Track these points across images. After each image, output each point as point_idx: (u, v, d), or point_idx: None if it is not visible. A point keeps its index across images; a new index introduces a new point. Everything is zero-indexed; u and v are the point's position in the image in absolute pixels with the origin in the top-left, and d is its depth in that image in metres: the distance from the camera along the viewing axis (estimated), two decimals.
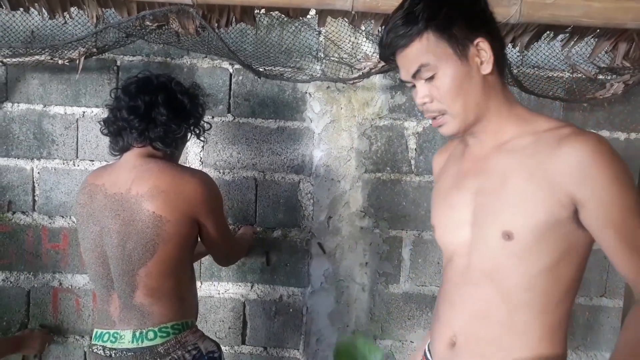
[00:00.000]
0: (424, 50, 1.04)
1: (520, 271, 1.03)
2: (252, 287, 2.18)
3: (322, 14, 1.94)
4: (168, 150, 1.54)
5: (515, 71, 1.96)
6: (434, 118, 1.11)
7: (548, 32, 1.87)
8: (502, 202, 1.04)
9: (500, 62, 1.09)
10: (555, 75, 2.05)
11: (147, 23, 1.91)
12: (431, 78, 1.05)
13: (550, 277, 1.02)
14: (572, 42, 1.88)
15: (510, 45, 1.92)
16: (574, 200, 0.97)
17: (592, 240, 1.03)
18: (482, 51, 1.04)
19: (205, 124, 1.68)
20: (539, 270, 1.02)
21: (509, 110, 1.10)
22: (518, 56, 2.02)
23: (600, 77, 1.99)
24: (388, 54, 1.11)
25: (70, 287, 2.17)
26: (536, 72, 2.04)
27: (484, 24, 1.07)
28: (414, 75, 1.07)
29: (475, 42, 1.04)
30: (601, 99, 1.97)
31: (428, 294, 2.17)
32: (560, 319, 1.06)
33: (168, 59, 2.08)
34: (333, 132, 2.12)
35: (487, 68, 1.05)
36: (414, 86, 1.11)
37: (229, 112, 2.10)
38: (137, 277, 1.43)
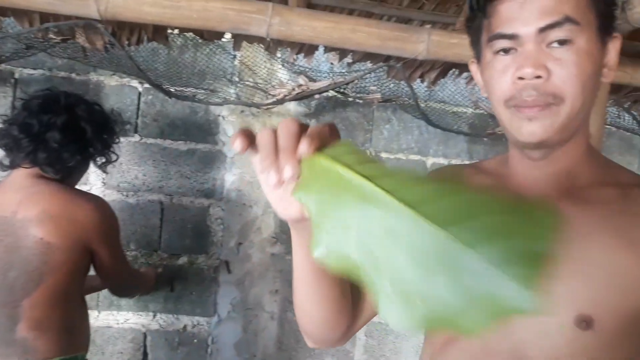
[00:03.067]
0: (575, 2, 0.69)
1: None
2: (154, 317, 2.07)
3: (238, 39, 1.93)
4: (58, 175, 1.43)
5: (423, 105, 2.04)
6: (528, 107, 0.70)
7: (454, 69, 1.98)
8: (581, 273, 0.71)
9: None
10: (459, 110, 2.17)
11: (51, 36, 1.81)
12: (562, 44, 0.68)
13: None
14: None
15: (418, 80, 2.01)
16: None
17: None
18: (614, 53, 0.74)
19: (111, 156, 1.59)
20: None
21: (589, 146, 0.79)
22: (426, 91, 2.11)
23: None
24: None
25: None
26: (442, 106, 2.15)
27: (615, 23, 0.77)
28: (545, 28, 0.68)
29: (614, 35, 0.74)
30: (500, 134, 2.10)
31: None
32: None
33: (73, 74, 1.97)
34: (246, 156, 2.09)
35: (609, 75, 0.75)
36: (504, 52, 0.71)
37: (136, 131, 2.02)
38: (20, 308, 1.30)
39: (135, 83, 2.01)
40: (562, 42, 0.68)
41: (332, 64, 2.04)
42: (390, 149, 2.18)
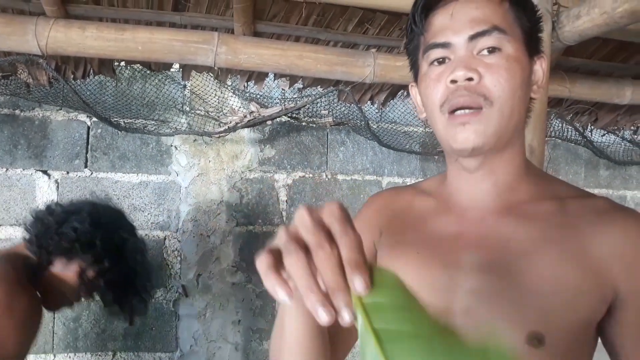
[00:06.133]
0: (501, 13, 0.73)
1: None
2: (113, 356, 2.00)
3: (186, 68, 1.93)
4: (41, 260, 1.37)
5: (375, 126, 2.08)
6: (458, 111, 0.73)
7: (402, 90, 2.02)
8: (528, 290, 0.71)
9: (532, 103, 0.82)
10: (410, 130, 2.21)
11: None
12: (491, 52, 0.72)
13: None
14: None
15: (369, 103, 2.04)
16: (615, 294, 0.71)
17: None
18: (540, 72, 0.78)
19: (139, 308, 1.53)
20: None
21: (526, 160, 0.81)
22: (377, 112, 2.15)
23: None
24: None
25: None
26: (394, 127, 2.18)
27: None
28: (475, 36, 0.72)
29: (540, 55, 0.78)
30: None
31: None
32: None
33: (17, 110, 1.92)
34: (201, 185, 2.07)
35: (537, 92, 0.78)
36: (439, 62, 0.75)
37: (85, 166, 1.97)
38: None
39: (83, 117, 1.97)
40: (491, 50, 0.72)
41: (283, 90, 2.06)
42: (346, 170, 2.20)
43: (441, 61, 0.74)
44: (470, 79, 0.71)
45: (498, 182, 0.77)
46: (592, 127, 2.41)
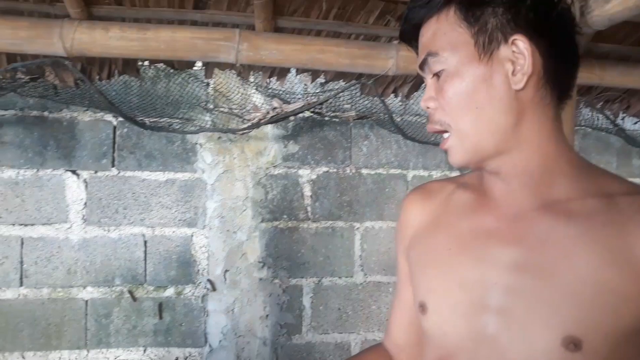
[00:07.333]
0: (440, 33, 0.73)
1: None
2: (145, 351, 2.04)
3: (209, 66, 1.94)
4: None
5: (398, 119, 2.05)
6: (441, 135, 0.77)
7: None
8: (566, 292, 0.68)
9: (556, 80, 0.73)
10: None
11: (20, 75, 1.80)
12: (439, 75, 0.73)
13: None
14: None
15: (392, 95, 2.02)
16: None
17: None
18: (519, 55, 0.70)
19: None
20: None
21: (562, 155, 0.75)
22: (400, 105, 2.13)
23: None
24: (406, 30, 0.81)
25: None
26: (418, 119, 2.16)
27: (539, 21, 0.71)
28: (422, 67, 0.75)
29: (511, 39, 0.70)
30: None
31: (331, 341, 2.15)
32: None
33: (45, 112, 1.96)
34: (227, 182, 2.09)
35: (518, 81, 0.70)
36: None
37: (113, 166, 2.00)
38: None
39: (109, 117, 2.00)
40: (438, 73, 0.73)
41: (305, 84, 2.05)
42: (370, 164, 2.19)
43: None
44: (429, 108, 0.75)
45: (527, 180, 0.74)
46: (624, 114, 2.34)
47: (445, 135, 0.74)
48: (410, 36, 0.79)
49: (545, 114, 0.73)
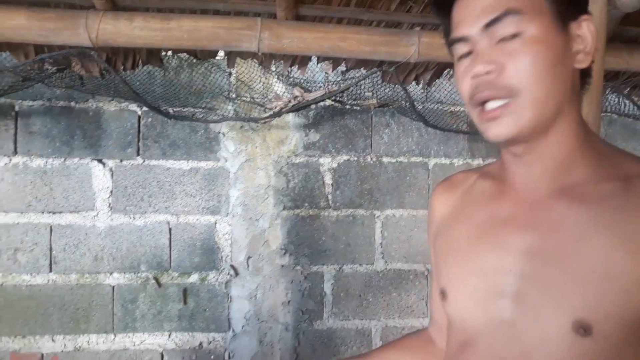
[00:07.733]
0: None
1: None
2: (169, 336, 2.08)
3: (231, 56, 1.95)
4: None
5: (420, 107, 2.05)
6: (488, 104, 0.71)
7: (448, 69, 1.98)
8: (575, 276, 0.67)
9: (589, 69, 0.75)
10: (457, 109, 2.17)
11: (47, 66, 1.84)
12: (513, 37, 0.68)
13: None
14: None
15: (413, 83, 2.01)
16: None
17: None
18: (586, 35, 0.71)
19: None
20: None
21: (583, 137, 0.74)
22: (422, 93, 2.12)
23: None
24: None
25: None
26: (440, 107, 2.15)
27: (587, 3, 0.75)
28: (489, 25, 0.69)
29: (581, 18, 0.71)
30: None
31: (352, 327, 2.17)
32: None
33: (72, 102, 2.00)
34: (249, 170, 2.11)
35: (584, 60, 0.71)
36: (464, 56, 0.74)
37: (138, 154, 2.04)
38: None
39: (134, 107, 2.03)
40: (511, 36, 0.68)
41: (326, 73, 2.05)
42: (391, 152, 2.19)
43: (466, 55, 0.73)
44: (489, 72, 0.69)
45: (549, 165, 0.74)
46: None
47: (498, 103, 0.69)
48: None
49: (580, 98, 0.75)
